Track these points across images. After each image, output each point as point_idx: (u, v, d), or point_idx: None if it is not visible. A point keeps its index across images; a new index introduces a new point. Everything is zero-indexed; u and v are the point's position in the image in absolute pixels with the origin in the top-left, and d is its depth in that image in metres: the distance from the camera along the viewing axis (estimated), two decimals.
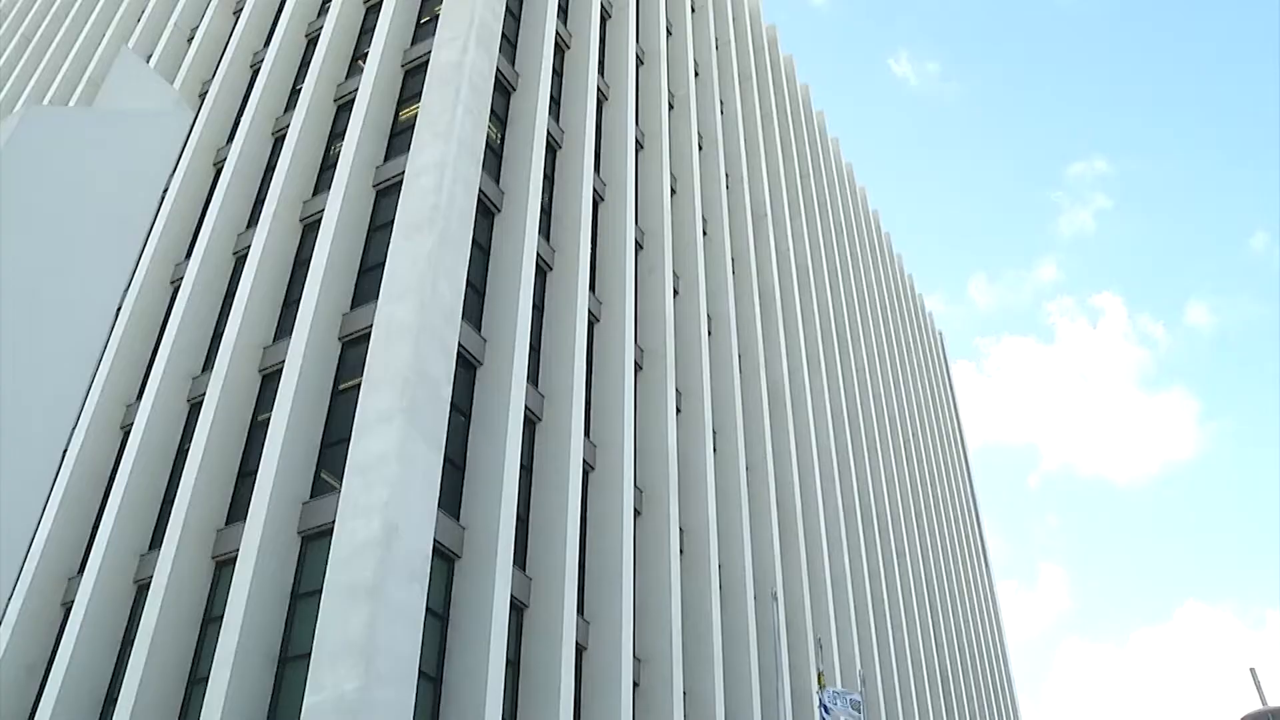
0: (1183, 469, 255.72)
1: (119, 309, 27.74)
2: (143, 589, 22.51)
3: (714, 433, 32.89)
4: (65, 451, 26.27)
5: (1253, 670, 19.82)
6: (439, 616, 21.00)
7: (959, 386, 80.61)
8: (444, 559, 21.43)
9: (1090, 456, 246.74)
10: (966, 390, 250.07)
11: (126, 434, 25.46)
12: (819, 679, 26.75)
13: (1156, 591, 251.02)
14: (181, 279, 27.42)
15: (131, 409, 25.95)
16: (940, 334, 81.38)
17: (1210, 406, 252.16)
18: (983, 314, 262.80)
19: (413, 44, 29.81)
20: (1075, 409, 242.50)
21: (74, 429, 25.94)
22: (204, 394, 24.09)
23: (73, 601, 23.05)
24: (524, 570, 23.42)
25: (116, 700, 20.76)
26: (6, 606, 19.10)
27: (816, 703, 25.48)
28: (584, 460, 26.00)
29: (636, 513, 27.78)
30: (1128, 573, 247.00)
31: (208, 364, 25.35)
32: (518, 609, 22.78)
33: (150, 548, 23.29)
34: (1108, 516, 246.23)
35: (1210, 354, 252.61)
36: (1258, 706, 19.44)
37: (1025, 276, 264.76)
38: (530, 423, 25.04)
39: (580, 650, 24.15)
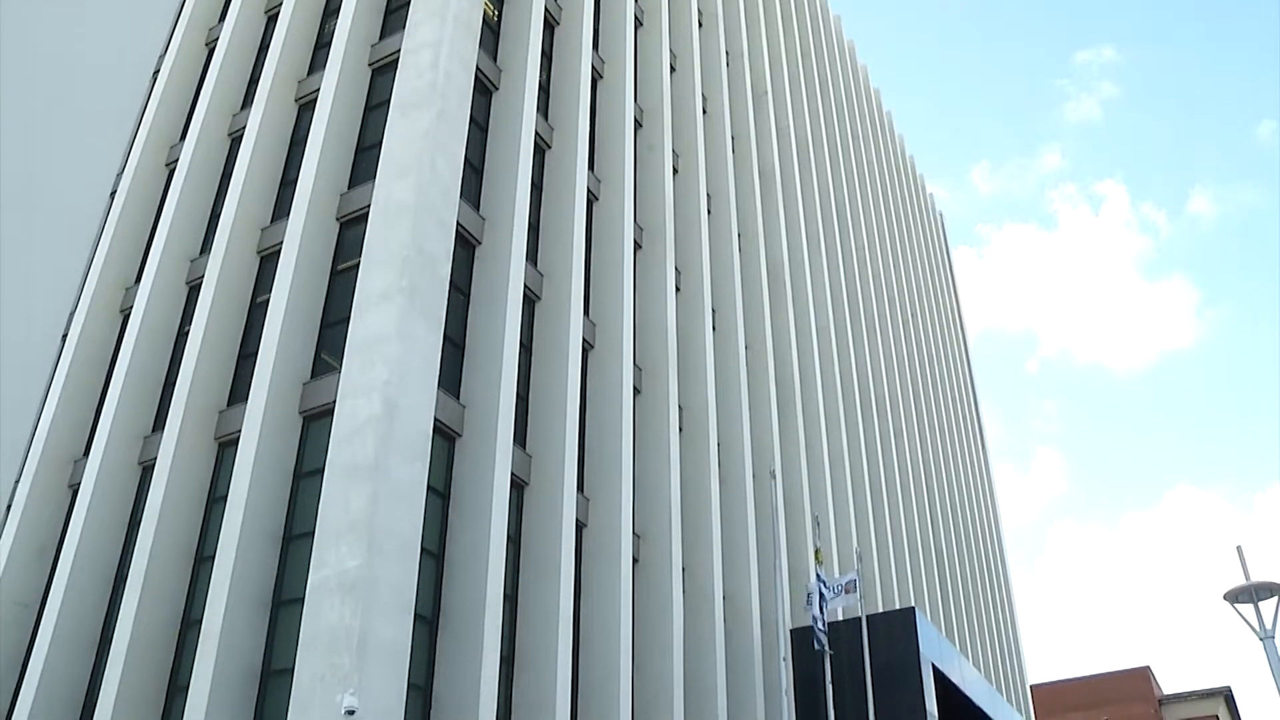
0: (1180, 357, 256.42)
1: (114, 192, 27.71)
2: (147, 470, 22.73)
3: (713, 311, 32.89)
4: (65, 335, 26.36)
5: (1239, 548, 20.10)
6: (440, 494, 21.23)
7: (960, 272, 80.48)
8: (444, 437, 21.59)
9: (1088, 343, 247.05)
10: (967, 276, 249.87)
11: (126, 317, 25.48)
12: (816, 556, 27.11)
13: (1148, 476, 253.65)
14: (177, 161, 27.18)
15: (130, 292, 25.92)
16: (941, 215, 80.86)
17: (1210, 295, 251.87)
18: (985, 201, 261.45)
19: None
20: (1075, 296, 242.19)
21: (73, 313, 26.04)
22: (202, 276, 24.04)
23: (79, 484, 23.31)
24: (524, 448, 23.61)
25: (126, 579, 21.11)
26: (14, 490, 19.44)
27: (813, 579, 25.82)
28: (583, 338, 26.05)
29: (636, 391, 27.92)
30: (1121, 458, 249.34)
31: (205, 246, 25.25)
32: (518, 486, 23.02)
33: (153, 430, 23.46)
34: (1104, 403, 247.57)
35: (1212, 243, 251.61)
36: (1242, 582, 19.70)
37: (1029, 164, 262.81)
38: (529, 301, 25.03)
39: (580, 527, 24.45)
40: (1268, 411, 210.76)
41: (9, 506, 24.21)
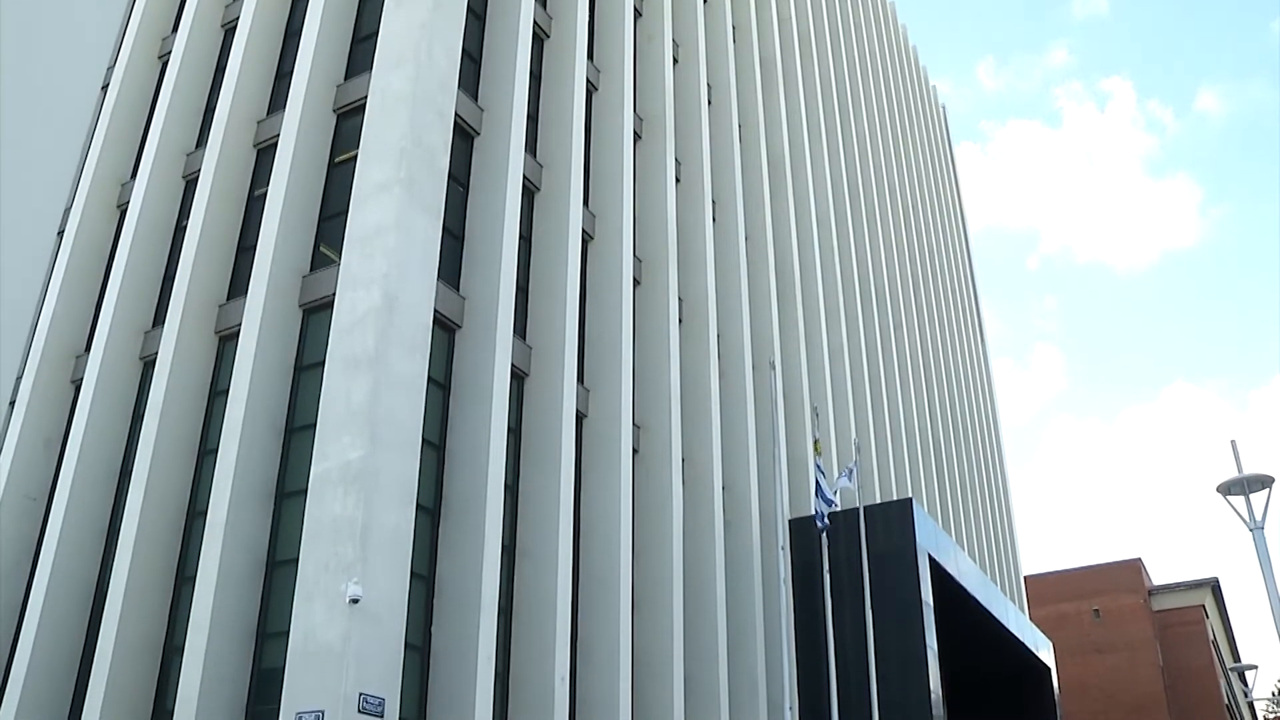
0: (1181, 256, 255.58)
1: (106, 86, 27.38)
2: (149, 365, 22.81)
3: (713, 203, 32.71)
4: (61, 232, 26.28)
5: (1233, 442, 20.27)
6: (440, 385, 21.33)
7: (962, 169, 79.88)
8: (444, 329, 21.63)
9: (1090, 241, 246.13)
10: (970, 173, 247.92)
11: (123, 213, 25.35)
12: (815, 446, 27.32)
13: (1146, 373, 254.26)
14: (169, 54, 26.79)
15: (126, 187, 25.76)
16: (944, 109, 79.92)
17: (1213, 193, 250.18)
18: (989, 98, 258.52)
19: None
20: (1078, 194, 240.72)
21: (69, 209, 25.91)
22: (199, 170, 23.85)
23: (81, 380, 23.41)
24: (524, 339, 23.67)
25: (131, 472, 21.32)
26: (17, 386, 19.51)
27: (812, 469, 26.06)
28: (583, 230, 25.94)
29: (636, 282, 27.89)
30: (1120, 355, 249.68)
31: (201, 139, 25.02)
32: (518, 377, 23.12)
33: (154, 325, 23.49)
34: (1104, 301, 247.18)
35: (1218, 141, 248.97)
36: (1235, 475, 19.87)
37: (1034, 61, 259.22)
38: (529, 192, 24.89)
39: (580, 418, 24.61)
40: (1266, 310, 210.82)
41: (12, 402, 24.37)
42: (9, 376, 25.17)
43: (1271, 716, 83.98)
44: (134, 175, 25.50)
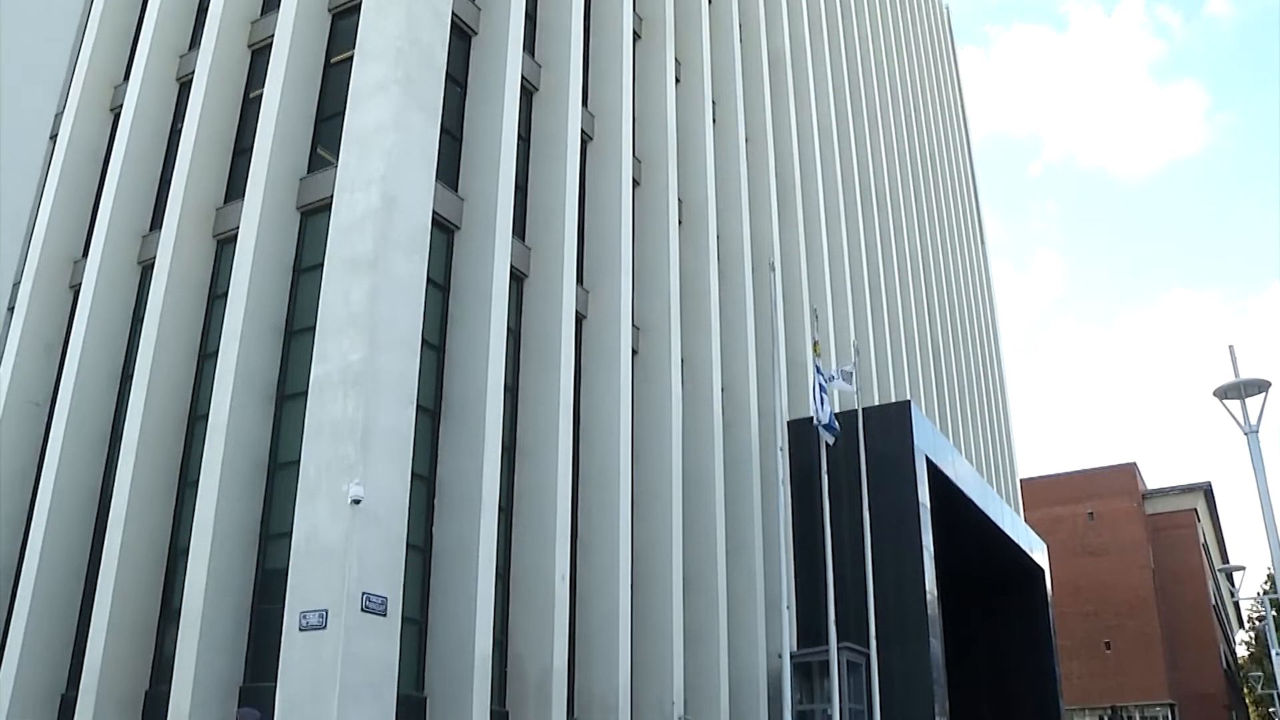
0: (1185, 163, 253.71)
1: None
2: (147, 269, 22.74)
3: (713, 103, 32.37)
4: (55, 136, 26.05)
5: (1230, 348, 20.29)
6: (440, 287, 21.31)
7: (965, 73, 78.73)
8: (443, 230, 21.55)
9: (1093, 148, 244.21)
10: (973, 77, 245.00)
11: (117, 116, 25.07)
12: (814, 348, 27.33)
13: (1145, 279, 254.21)
14: None
15: (120, 90, 25.45)
16: (947, 10, 78.89)
17: (1220, 99, 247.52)
18: (994, 0, 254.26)
19: None
20: (1082, 99, 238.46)
21: (61, 113, 25.65)
22: (193, 71, 23.55)
23: (79, 284, 23.37)
24: (523, 240, 23.59)
25: (132, 376, 21.37)
26: (15, 291, 19.46)
27: (811, 371, 26.10)
28: (582, 130, 25.70)
29: (635, 183, 27.71)
30: (1119, 261, 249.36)
31: (194, 41, 24.62)
32: (517, 279, 23.08)
33: (151, 229, 23.37)
34: (1105, 208, 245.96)
35: (1227, 46, 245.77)
36: (1231, 379, 19.95)
37: None
38: (527, 93, 24.62)
39: (580, 319, 24.62)
40: (1268, 217, 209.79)
41: (11, 308, 24.36)
42: (7, 282, 25.14)
43: (1256, 616, 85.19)
44: (127, 78, 25.20)
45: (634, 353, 26.11)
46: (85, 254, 23.80)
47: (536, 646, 21.00)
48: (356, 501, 16.86)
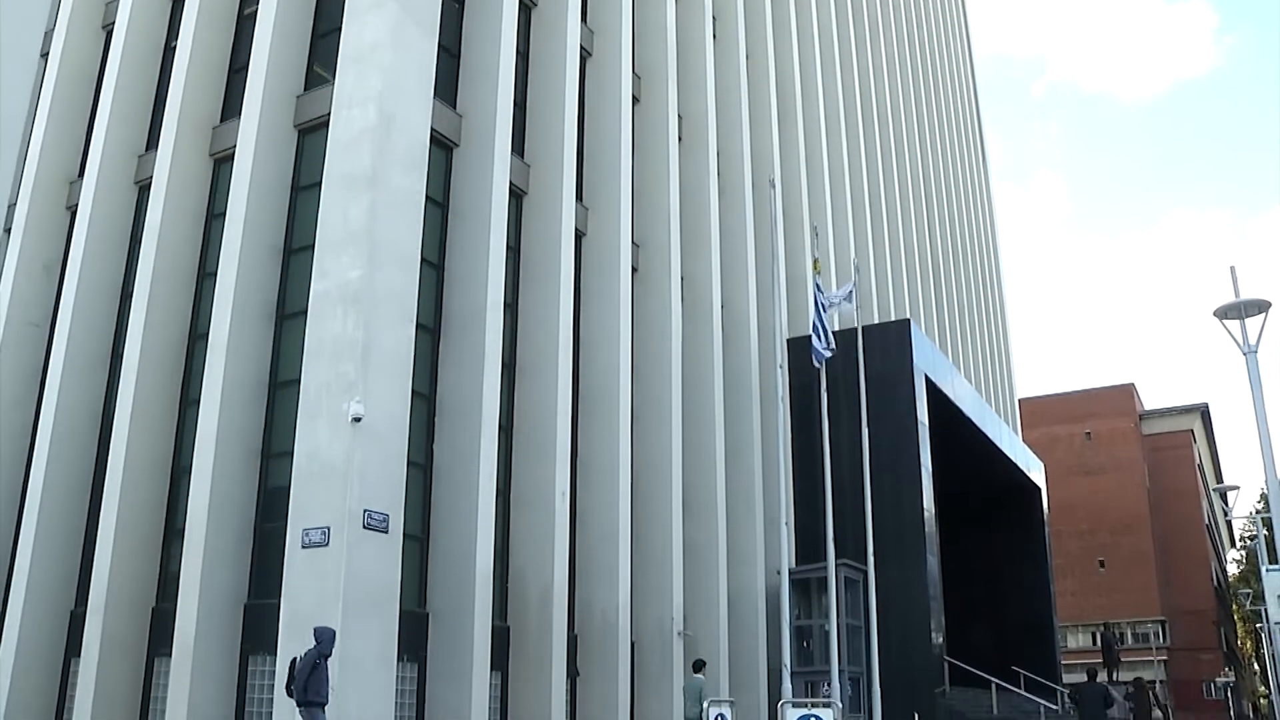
0: (1190, 86, 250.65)
1: None
2: (144, 189, 22.62)
3: (714, 18, 31.91)
4: (46, 54, 25.78)
5: (1232, 268, 20.24)
6: (438, 204, 21.21)
7: None
8: (442, 147, 21.39)
9: (1098, 70, 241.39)
10: None
11: (109, 33, 24.80)
12: (814, 266, 27.23)
13: (1148, 201, 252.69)
14: None
15: (111, 6, 25.12)
16: None
17: (1229, 19, 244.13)
18: None
19: None
20: (1088, 20, 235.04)
21: (52, 30, 25.35)
22: None
23: (76, 205, 23.26)
24: (522, 157, 23.42)
25: (131, 296, 21.36)
26: (10, 212, 19.34)
27: (811, 289, 26.03)
28: (581, 46, 25.39)
29: (635, 99, 27.43)
30: (1122, 182, 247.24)
31: None
32: (517, 196, 22.96)
33: (147, 148, 23.24)
34: (1109, 130, 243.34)
35: None
36: (1231, 299, 19.94)
37: None
38: (525, 8, 24.27)
39: (579, 236, 24.53)
40: (1272, 139, 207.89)
41: (8, 229, 24.27)
42: (2, 204, 25.07)
43: (1247, 535, 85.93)
44: None
45: (634, 270, 26.05)
46: (81, 174, 23.67)
47: (537, 562, 21.21)
48: (357, 419, 16.94)
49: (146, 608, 19.83)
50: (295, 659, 12.67)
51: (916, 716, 26.81)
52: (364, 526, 16.89)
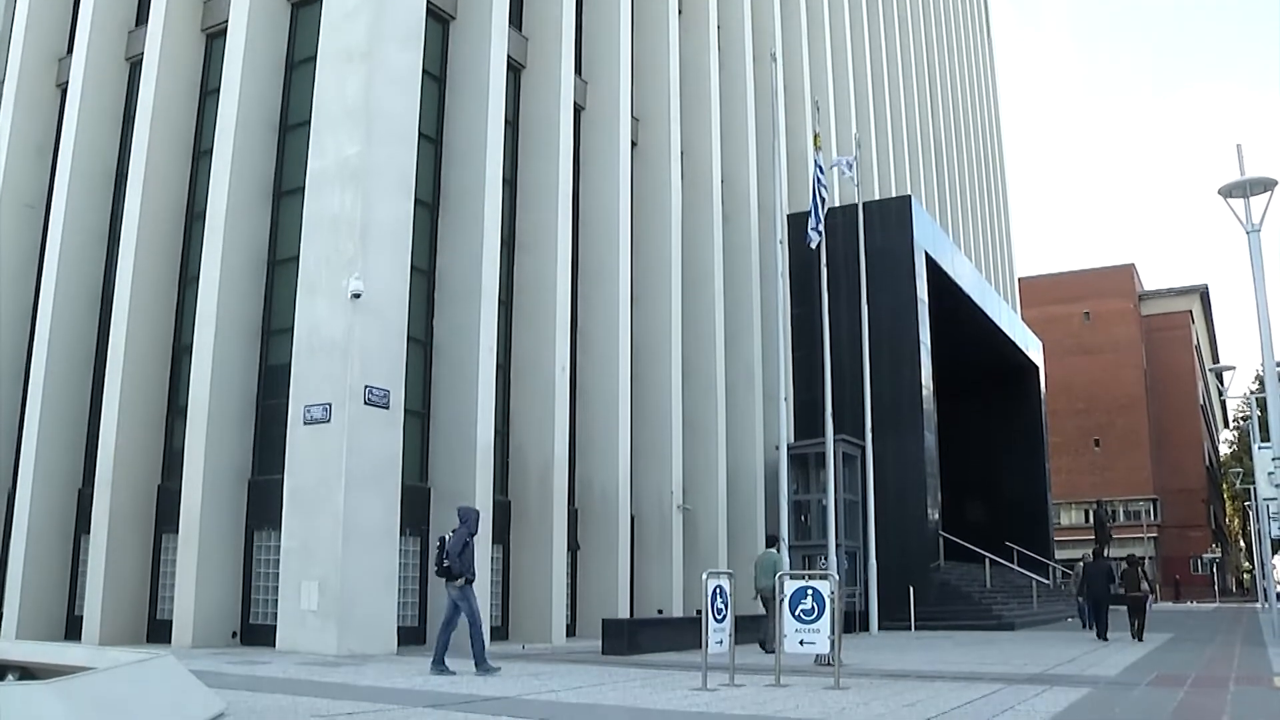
0: None
1: None
2: (135, 66, 22.32)
3: None
4: None
5: (1238, 146, 20.16)
6: (436, 79, 20.94)
7: None
8: (438, 20, 21.04)
9: None
10: None
11: None
12: (815, 140, 26.94)
13: (1160, 73, 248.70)
14: None
15: None
16: None
17: None
18: None
19: None
20: None
21: None
22: None
23: (66, 82, 22.92)
24: (520, 30, 23.05)
25: (127, 176, 21.19)
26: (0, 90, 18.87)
27: (811, 163, 25.79)
28: None
29: None
30: (1131, 54, 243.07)
31: None
32: (515, 69, 22.65)
33: (137, 24, 22.82)
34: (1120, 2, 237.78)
35: None
36: (1237, 178, 19.86)
37: None
38: None
39: (578, 110, 24.25)
40: None
41: None
42: None
43: (1241, 416, 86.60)
44: None
45: (633, 145, 25.82)
46: (70, 51, 23.28)
47: (537, 437, 21.38)
48: (356, 295, 16.91)
49: (152, 485, 20.03)
50: (444, 538, 13.06)
51: (912, 590, 27.24)
52: (365, 402, 16.97)
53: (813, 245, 24.12)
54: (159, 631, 19.03)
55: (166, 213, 20.92)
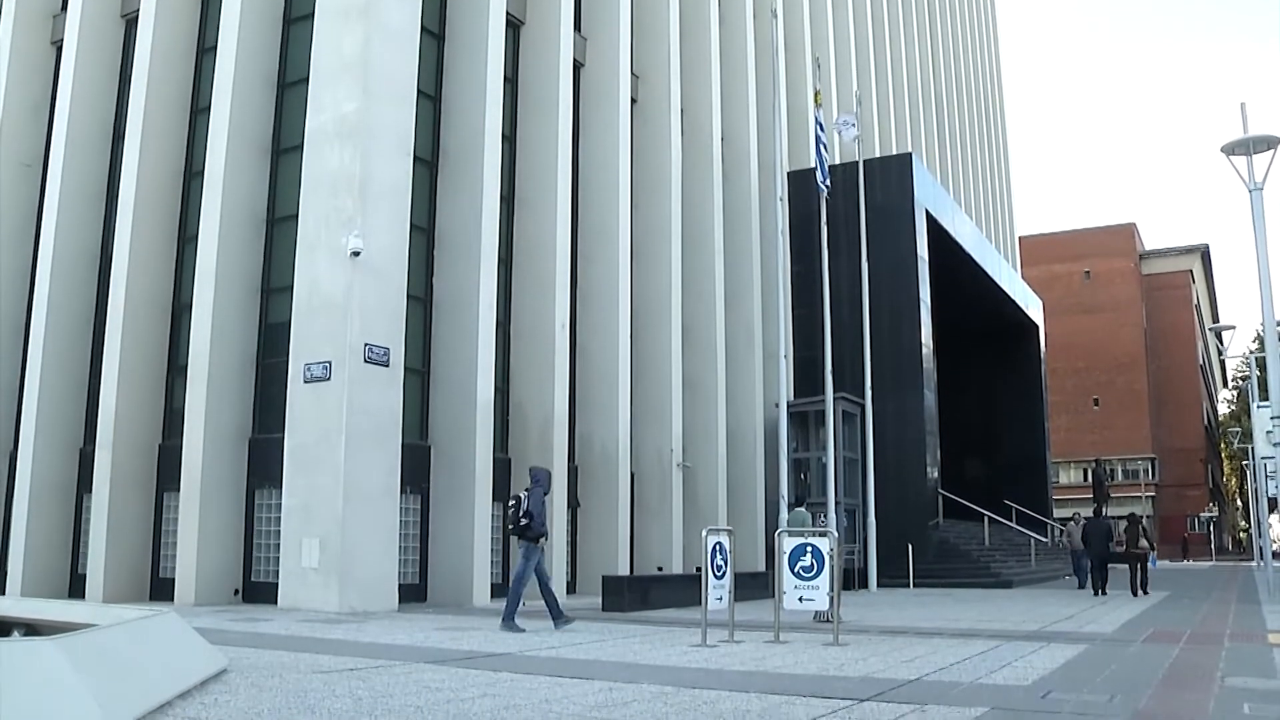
0: None
1: None
2: (131, 23, 22.32)
3: None
4: None
5: (1242, 104, 20.11)
6: (434, 35, 20.82)
7: None
8: None
9: None
10: None
11: None
12: (815, 97, 26.77)
13: (1165, 29, 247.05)
14: None
15: None
16: None
17: None
18: None
19: None
20: None
21: None
22: None
23: (61, 40, 22.86)
24: None
25: (124, 133, 21.10)
26: None
27: (812, 120, 25.65)
28: None
29: None
30: (1136, 9, 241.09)
31: None
32: (514, 26, 22.50)
33: None
34: None
35: None
36: (1240, 135, 19.82)
37: None
38: None
39: (578, 67, 24.12)
40: None
41: None
42: None
43: (1240, 376, 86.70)
44: None
45: (633, 101, 25.70)
46: (64, 7, 23.13)
47: (537, 395, 21.41)
48: (356, 253, 16.89)
49: (153, 444, 20.08)
50: (519, 497, 13.21)
51: (910, 547, 27.33)
52: (365, 360, 16.98)
53: (824, 195, 24.12)
54: (162, 589, 19.15)
55: (165, 171, 20.86)
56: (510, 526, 13.38)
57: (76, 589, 20.20)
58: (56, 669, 5.23)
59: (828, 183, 24.14)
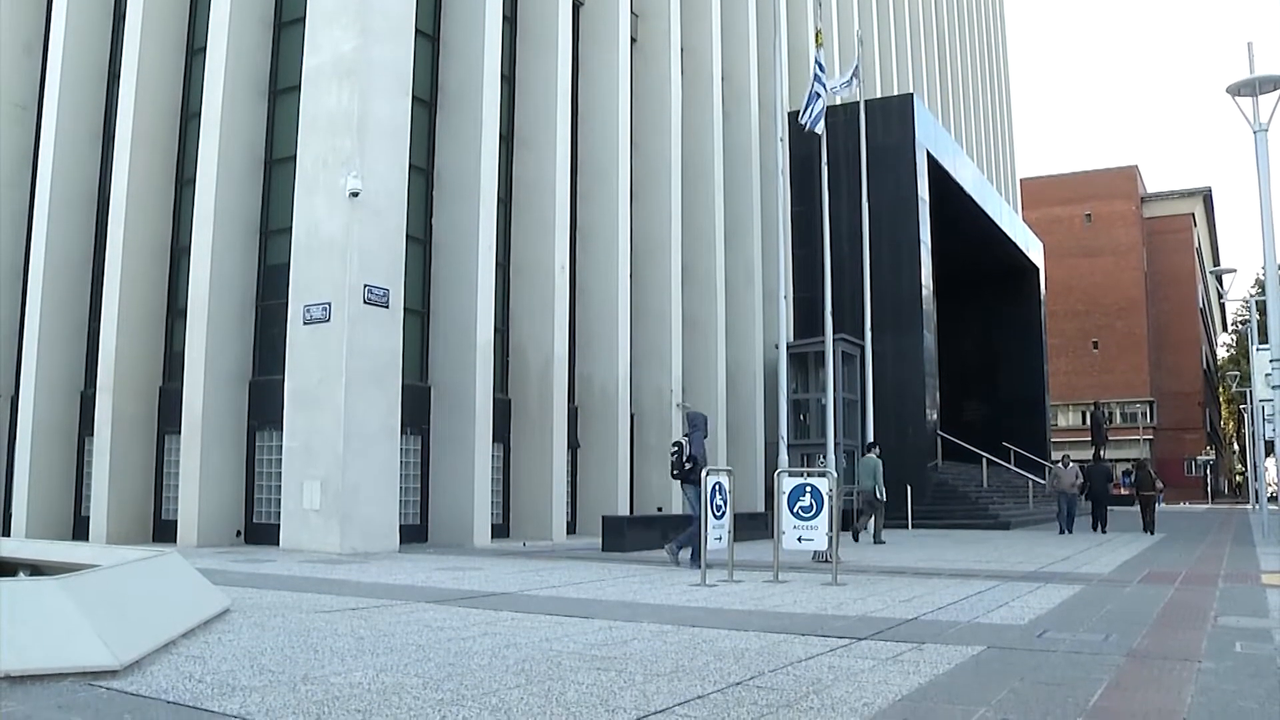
0: None
1: None
2: None
3: None
4: None
5: (1249, 44, 19.90)
6: None
7: None
8: None
9: None
10: None
11: None
12: (817, 38, 26.49)
13: None
14: None
15: None
16: None
17: None
18: None
19: None
20: None
21: None
22: None
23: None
24: None
25: (119, 75, 20.98)
26: None
27: (812, 61, 25.41)
28: None
29: None
30: None
31: None
32: None
33: None
34: None
35: None
36: (1246, 76, 19.67)
37: None
38: None
39: (577, 6, 23.92)
40: None
41: None
42: None
43: (1240, 320, 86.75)
44: None
45: (633, 40, 25.48)
46: None
47: (537, 335, 21.41)
48: (355, 194, 16.81)
49: (154, 387, 20.10)
50: (679, 443, 13.47)
51: (909, 489, 27.43)
52: (364, 301, 16.95)
53: (818, 130, 23.92)
54: (164, 531, 19.25)
55: (162, 112, 20.71)
56: (674, 472, 13.53)
57: (80, 531, 20.31)
58: (61, 608, 5.27)
59: (819, 126, 23.90)
